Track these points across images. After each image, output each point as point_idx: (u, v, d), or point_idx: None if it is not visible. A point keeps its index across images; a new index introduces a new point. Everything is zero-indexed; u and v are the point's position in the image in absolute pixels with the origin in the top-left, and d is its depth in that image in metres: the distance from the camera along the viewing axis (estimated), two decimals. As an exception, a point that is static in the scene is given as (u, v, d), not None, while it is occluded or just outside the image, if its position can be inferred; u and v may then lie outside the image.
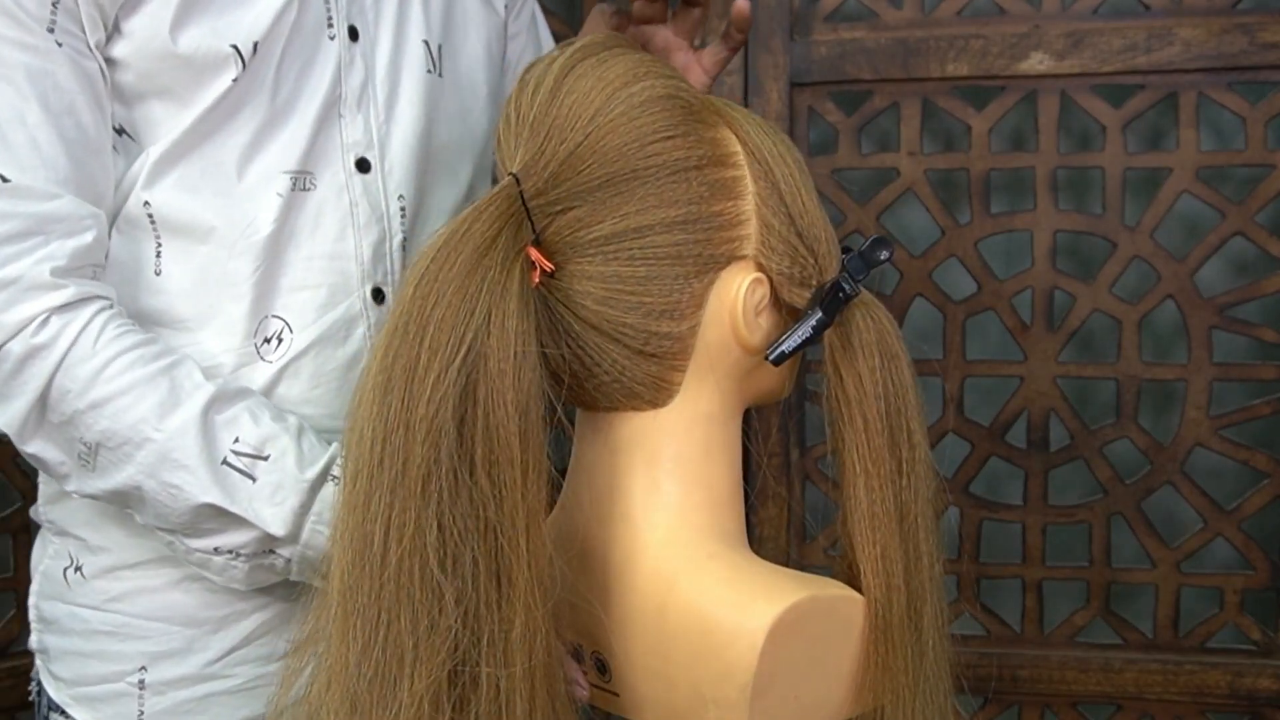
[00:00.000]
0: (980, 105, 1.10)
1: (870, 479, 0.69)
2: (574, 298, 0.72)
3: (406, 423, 0.66)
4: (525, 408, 0.67)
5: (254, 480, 0.75)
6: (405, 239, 0.85)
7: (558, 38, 0.81)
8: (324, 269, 0.81)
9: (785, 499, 1.15)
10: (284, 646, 0.83)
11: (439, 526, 0.65)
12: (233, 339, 0.79)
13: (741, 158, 0.72)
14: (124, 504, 0.77)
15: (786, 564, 0.86)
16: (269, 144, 0.79)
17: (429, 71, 0.87)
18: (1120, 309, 1.10)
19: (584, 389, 0.74)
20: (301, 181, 0.80)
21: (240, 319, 0.79)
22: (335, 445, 0.77)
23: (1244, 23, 1.04)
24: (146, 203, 0.78)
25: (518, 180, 0.70)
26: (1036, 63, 1.07)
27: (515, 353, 0.66)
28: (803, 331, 0.70)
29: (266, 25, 0.77)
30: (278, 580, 0.79)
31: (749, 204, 0.72)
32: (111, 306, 0.75)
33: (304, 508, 0.75)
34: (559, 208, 0.71)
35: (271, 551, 0.76)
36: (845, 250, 0.70)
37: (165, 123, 0.77)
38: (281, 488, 0.75)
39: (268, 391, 0.80)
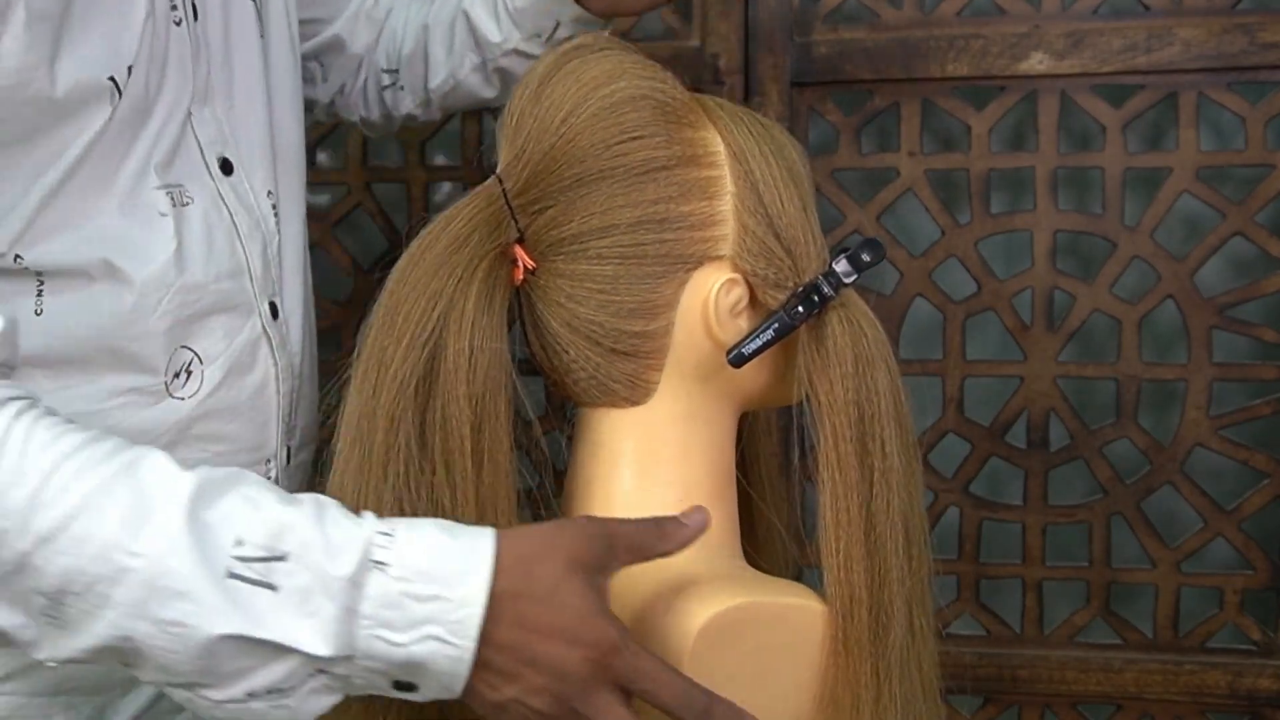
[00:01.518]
0: (980, 105, 1.10)
1: (836, 487, 0.67)
2: (550, 295, 0.74)
3: (372, 410, 0.69)
4: (480, 401, 0.69)
5: (275, 590, 0.55)
6: (280, 240, 0.79)
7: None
8: (227, 290, 0.74)
9: (785, 500, 1.14)
10: None
11: (397, 509, 0.67)
12: (138, 378, 0.70)
13: (722, 158, 0.72)
14: (119, 660, 0.58)
15: (785, 567, 0.86)
16: (140, 162, 0.70)
17: (261, 38, 0.78)
18: (1120, 309, 1.10)
19: (566, 385, 0.75)
20: (178, 196, 0.72)
21: (144, 355, 0.70)
22: (369, 517, 0.59)
23: (1244, 23, 1.04)
24: (18, 257, 0.66)
25: (500, 180, 0.72)
26: (1036, 63, 1.07)
27: (470, 346, 0.69)
28: (763, 334, 0.69)
29: (139, 42, 0.67)
30: (341, 699, 0.60)
31: (726, 204, 0.71)
32: (33, 405, 0.57)
33: (349, 612, 0.56)
34: (537, 207, 0.73)
35: (323, 672, 0.57)
36: (844, 251, 0.69)
37: (12, 170, 0.65)
38: (313, 593, 0.55)
39: (183, 432, 0.71)
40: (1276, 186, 1.07)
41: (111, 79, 0.66)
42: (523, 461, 0.79)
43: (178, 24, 0.71)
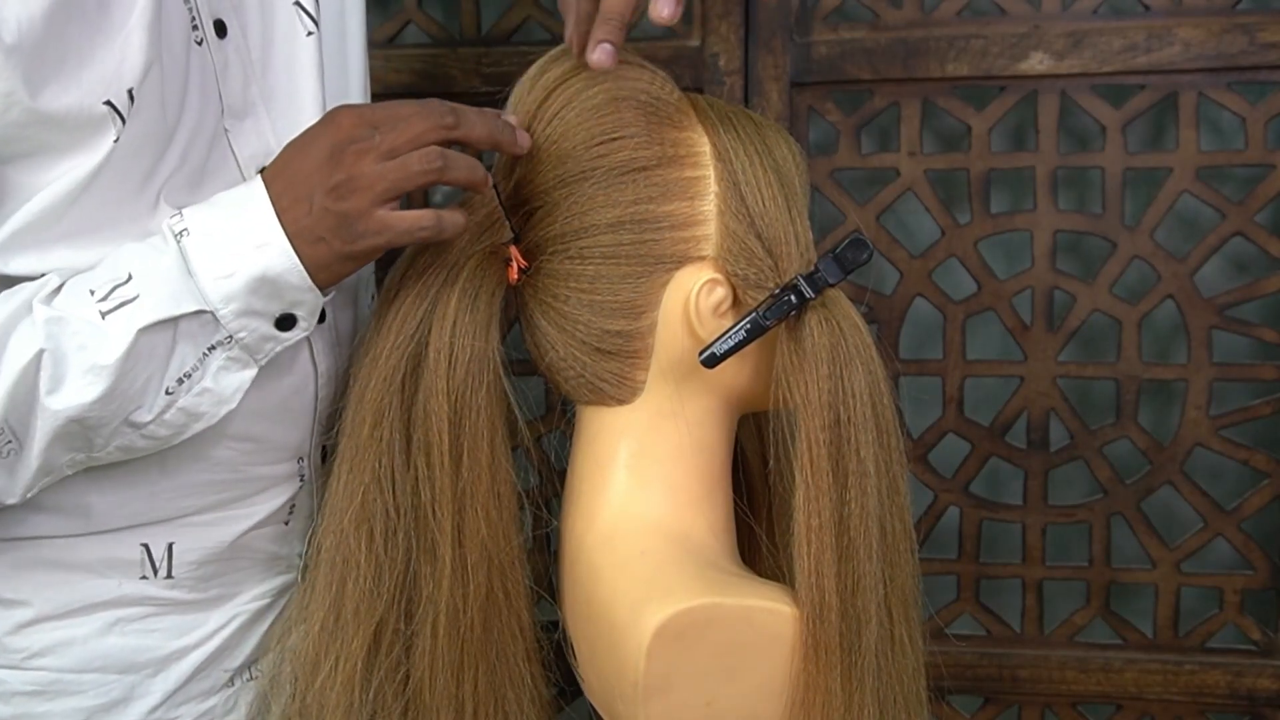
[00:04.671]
0: (980, 105, 1.10)
1: (808, 491, 0.67)
2: (539, 294, 0.74)
3: (361, 405, 0.70)
4: (459, 397, 0.71)
5: (138, 298, 0.66)
6: None
7: (557, 40, 0.81)
8: None
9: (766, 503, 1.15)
10: (223, 678, 0.81)
11: (381, 500, 0.71)
12: None
13: (707, 158, 0.72)
14: (74, 450, 0.69)
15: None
16: (160, 182, 0.71)
17: (309, 35, 0.78)
18: (1120, 309, 1.10)
19: (559, 384, 0.76)
20: None
21: None
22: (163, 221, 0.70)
23: (1244, 23, 1.04)
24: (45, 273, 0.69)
25: (494, 181, 0.73)
26: (1036, 63, 1.07)
27: (450, 344, 0.70)
28: (735, 335, 0.69)
29: (141, 65, 0.67)
30: (274, 344, 0.70)
31: (709, 205, 0.71)
32: None
33: (187, 274, 0.67)
34: (527, 207, 0.74)
35: (213, 349, 0.68)
36: (830, 251, 0.68)
37: (29, 187, 0.67)
38: (159, 282, 0.67)
39: (210, 430, 0.73)
40: (1276, 186, 1.07)
41: (109, 104, 0.66)
42: (524, 461, 0.80)
43: (199, 44, 0.72)
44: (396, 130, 0.66)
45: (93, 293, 0.67)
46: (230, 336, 0.68)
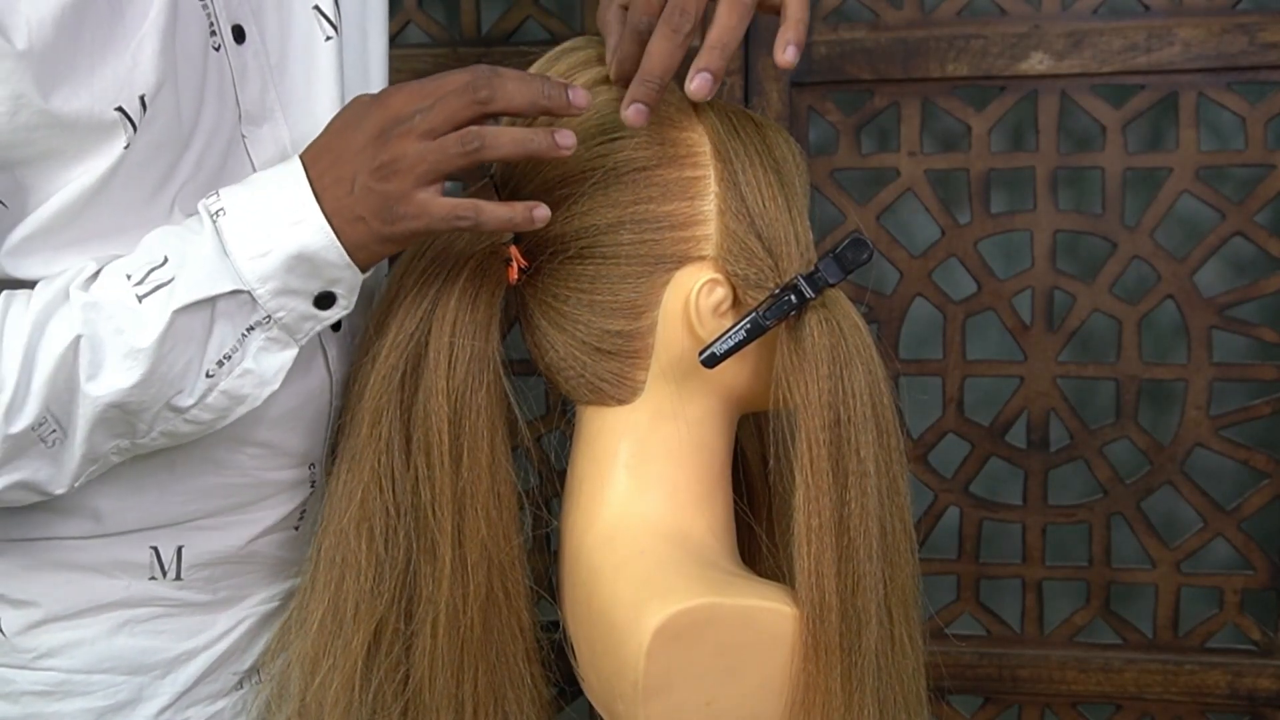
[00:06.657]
0: (980, 105, 1.10)
1: (809, 491, 0.66)
2: (539, 294, 0.74)
3: (360, 405, 0.72)
4: (459, 397, 0.71)
5: (173, 280, 0.66)
6: None
7: (557, 39, 0.81)
8: None
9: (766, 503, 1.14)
10: (231, 680, 0.81)
11: (381, 499, 0.71)
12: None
13: (707, 158, 0.72)
14: (116, 435, 0.68)
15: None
16: (175, 188, 0.70)
17: (328, 39, 0.77)
18: (1120, 309, 1.10)
19: (559, 383, 0.76)
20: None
21: None
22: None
23: (1244, 23, 1.04)
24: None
25: (494, 180, 0.73)
26: (1036, 63, 1.07)
27: (450, 343, 0.70)
28: (735, 335, 0.68)
29: (154, 72, 0.66)
30: (313, 323, 0.69)
31: (709, 205, 0.71)
32: None
33: (222, 254, 0.66)
34: None
35: (251, 330, 0.68)
36: (831, 251, 0.68)
37: (41, 191, 0.67)
38: (193, 261, 0.66)
39: (225, 437, 0.74)
40: (1276, 186, 1.07)
41: (120, 110, 0.65)
42: (524, 461, 0.80)
43: (216, 49, 0.71)
44: (434, 110, 0.65)
45: (129, 277, 0.66)
46: (269, 316, 0.67)
